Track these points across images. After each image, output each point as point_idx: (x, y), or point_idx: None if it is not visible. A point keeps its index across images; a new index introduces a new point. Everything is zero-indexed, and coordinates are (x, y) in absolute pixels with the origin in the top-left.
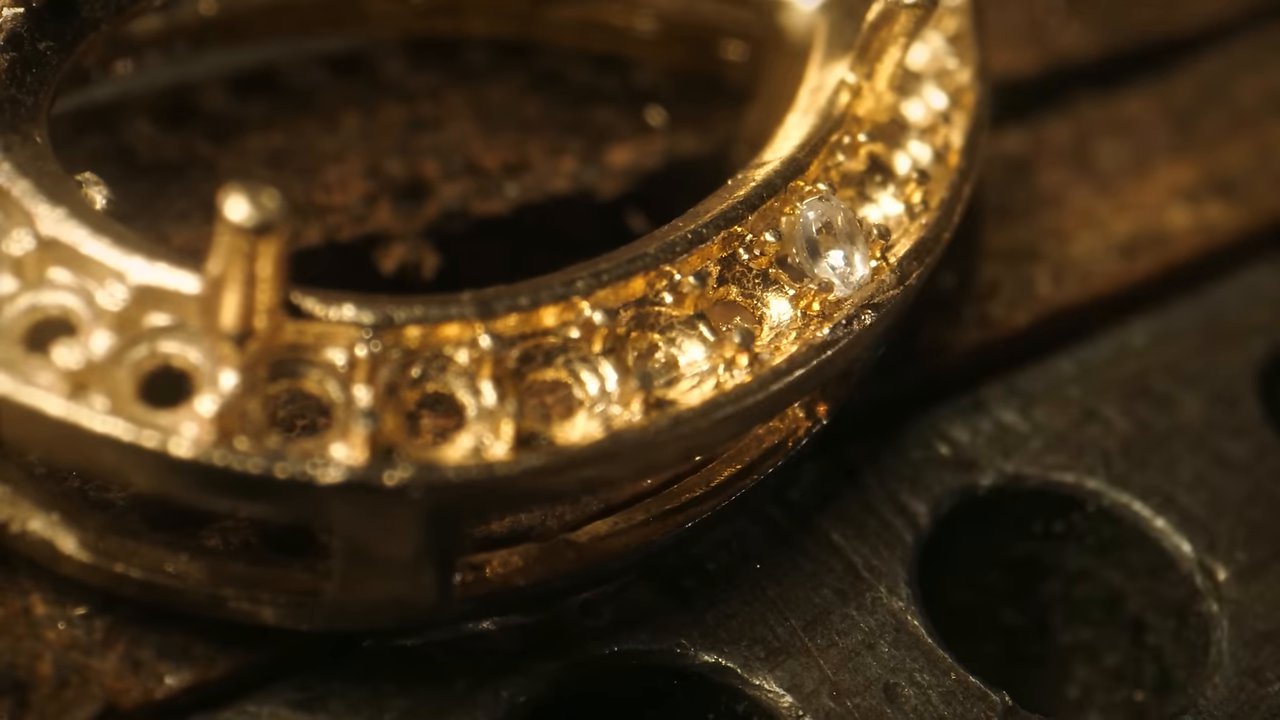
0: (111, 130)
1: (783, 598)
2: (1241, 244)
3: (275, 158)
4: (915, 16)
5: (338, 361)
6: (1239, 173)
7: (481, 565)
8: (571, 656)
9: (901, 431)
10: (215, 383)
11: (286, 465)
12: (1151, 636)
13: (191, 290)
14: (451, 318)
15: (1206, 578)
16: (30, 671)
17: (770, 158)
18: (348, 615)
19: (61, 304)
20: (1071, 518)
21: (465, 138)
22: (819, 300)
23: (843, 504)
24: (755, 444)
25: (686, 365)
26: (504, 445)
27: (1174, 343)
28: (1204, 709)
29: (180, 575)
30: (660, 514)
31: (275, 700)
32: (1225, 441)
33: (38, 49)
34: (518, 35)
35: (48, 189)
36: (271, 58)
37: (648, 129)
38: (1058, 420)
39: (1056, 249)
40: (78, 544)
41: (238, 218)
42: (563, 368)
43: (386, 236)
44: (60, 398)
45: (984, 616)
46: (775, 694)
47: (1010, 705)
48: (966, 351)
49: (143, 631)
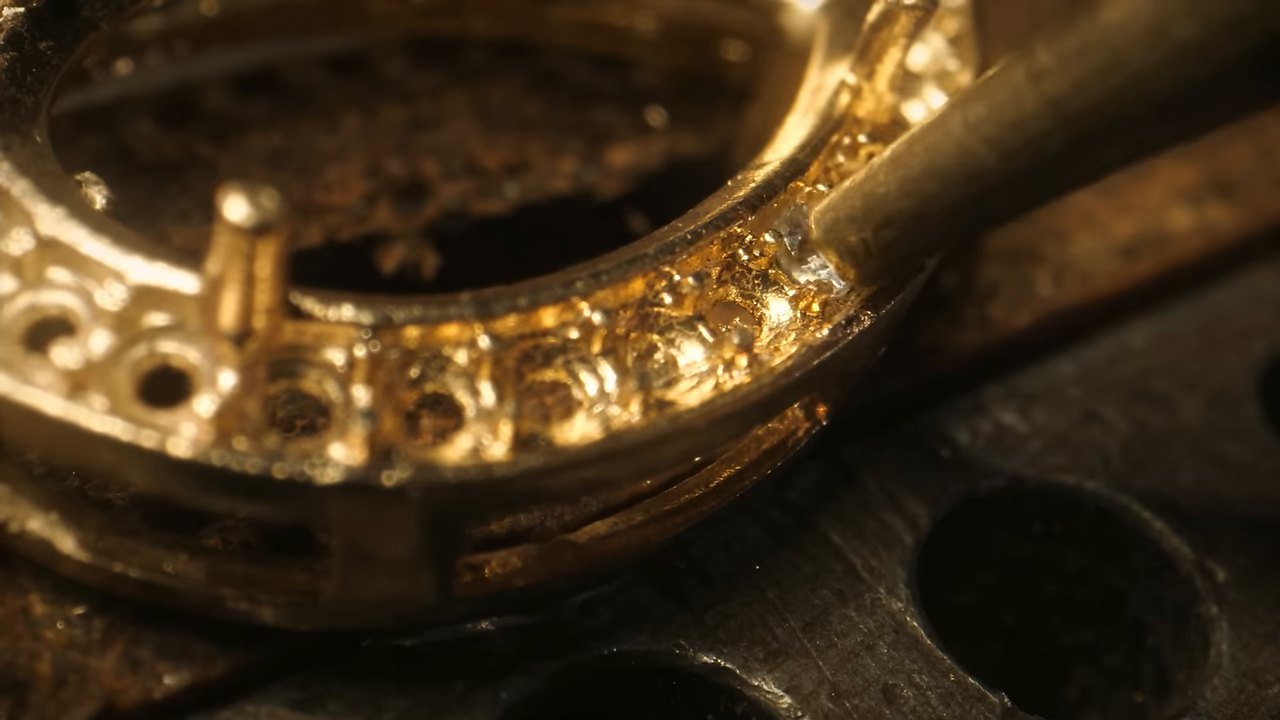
0: (111, 130)
1: (782, 599)
2: (1242, 245)
3: (275, 158)
4: (916, 17)
5: (337, 361)
6: (1240, 174)
7: (480, 566)
8: (570, 657)
9: (901, 432)
10: (214, 382)
11: (285, 465)
12: (1151, 638)
13: (191, 290)
14: (451, 318)
15: (1206, 579)
16: (29, 671)
17: (770, 158)
18: (347, 615)
19: (61, 303)
20: (1071, 519)
21: (465, 138)
22: (818, 301)
23: (842, 505)
24: (754, 445)
25: (686, 366)
26: (503, 446)
27: (1174, 344)
28: (1203, 710)
29: (179, 575)
30: (659, 515)
31: (274, 700)
32: (1225, 443)
33: (38, 49)
34: (518, 35)
35: (47, 188)
36: (271, 58)
37: (648, 129)
38: (1057, 421)
39: (1057, 250)
40: (77, 543)
41: (237, 217)
42: (562, 368)
43: (386, 236)
44: (59, 397)
45: (984, 617)
46: (774, 695)
47: (1009, 706)
48: (966, 352)
49: (141, 631)
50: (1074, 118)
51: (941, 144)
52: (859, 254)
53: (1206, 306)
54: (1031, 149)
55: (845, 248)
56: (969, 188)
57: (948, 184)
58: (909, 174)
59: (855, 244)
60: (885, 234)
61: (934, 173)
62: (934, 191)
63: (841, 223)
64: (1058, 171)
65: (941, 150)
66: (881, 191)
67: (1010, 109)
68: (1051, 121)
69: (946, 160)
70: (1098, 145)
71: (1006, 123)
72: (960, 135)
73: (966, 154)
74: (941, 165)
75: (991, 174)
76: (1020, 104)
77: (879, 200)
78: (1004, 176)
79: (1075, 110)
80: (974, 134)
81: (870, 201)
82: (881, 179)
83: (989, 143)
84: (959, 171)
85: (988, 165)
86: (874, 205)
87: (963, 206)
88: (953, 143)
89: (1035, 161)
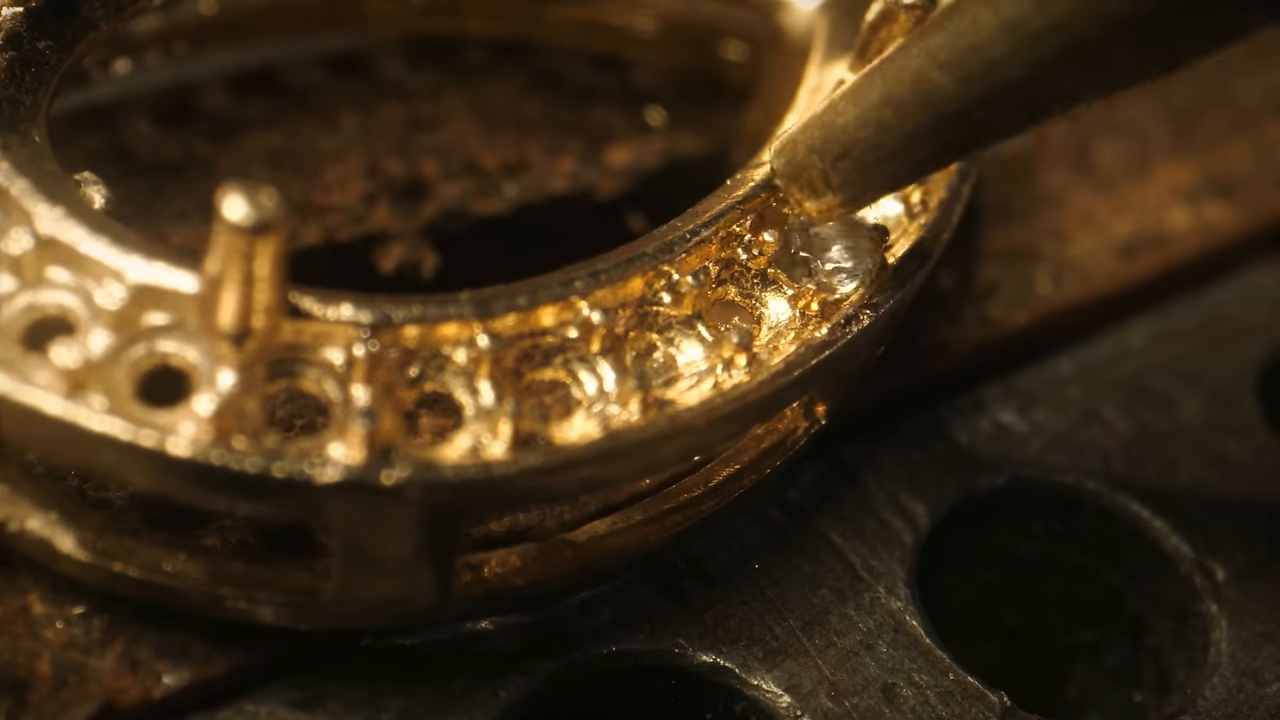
0: (111, 130)
1: (781, 598)
2: (1241, 244)
3: (275, 157)
4: (915, 17)
5: (336, 361)
6: (1239, 173)
7: (480, 565)
8: (570, 656)
9: (901, 431)
10: (213, 382)
11: (284, 464)
12: (1151, 637)
13: (190, 289)
14: (450, 317)
15: (1206, 578)
16: (29, 670)
17: (770, 158)
18: (346, 614)
19: (60, 303)
20: (1071, 518)
21: (464, 138)
22: (818, 300)
23: (841, 504)
24: (754, 444)
25: (685, 365)
26: (502, 445)
27: (1173, 343)
28: (1203, 709)
29: (178, 574)
30: (659, 514)
31: (274, 699)
32: (1224, 442)
33: (37, 48)
34: (517, 35)
35: (46, 188)
36: (271, 58)
37: (647, 129)
38: (1057, 420)
39: (1056, 249)
40: (76, 543)
41: (236, 217)
42: (561, 367)
43: (385, 236)
44: (58, 397)
45: (983, 616)
46: (773, 694)
47: (1009, 705)
48: (966, 351)
49: (141, 630)
50: (1031, 38)
51: (899, 74)
52: (818, 186)
53: (1206, 306)
54: (988, 72)
55: (805, 180)
56: (925, 115)
57: (903, 112)
58: (867, 102)
59: (815, 175)
60: (843, 164)
61: (891, 101)
62: (890, 120)
63: (800, 154)
64: (1015, 99)
65: (898, 80)
66: (840, 122)
67: (968, 33)
68: (1008, 44)
69: (902, 89)
70: (1055, 71)
71: (964, 47)
72: (919, 64)
73: (922, 80)
74: (898, 94)
75: (948, 100)
76: (978, 27)
77: (838, 130)
78: (959, 102)
79: (1032, 29)
80: (931, 61)
81: (830, 132)
82: (841, 109)
83: (945, 67)
84: (915, 99)
85: (945, 91)
86: (833, 135)
87: (919, 137)
88: (910, 72)
89: (992, 85)
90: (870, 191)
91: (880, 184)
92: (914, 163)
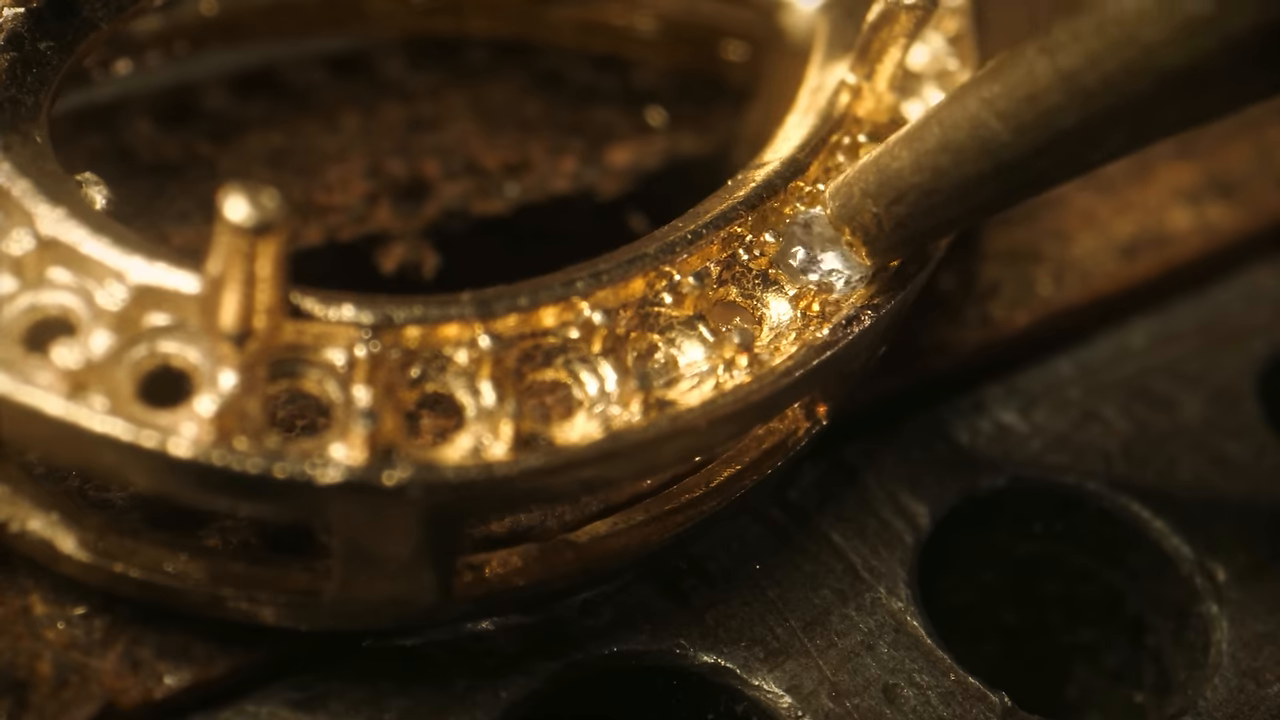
0: (111, 130)
1: (782, 598)
2: (1242, 245)
3: (275, 157)
4: (915, 17)
5: (337, 361)
6: (1239, 174)
7: (481, 565)
8: (571, 657)
9: (901, 432)
10: (214, 382)
11: (286, 465)
12: (1151, 637)
13: (191, 290)
14: (451, 318)
15: (1206, 578)
16: (30, 671)
17: (770, 158)
18: (347, 615)
19: (61, 304)
20: (1072, 518)
21: (465, 137)
22: (819, 301)
23: (842, 504)
24: (755, 444)
25: (686, 366)
26: (503, 445)
27: (1174, 343)
28: (1203, 710)
29: (180, 575)
30: (660, 514)
31: (275, 700)
32: (1225, 442)
33: (38, 49)
34: (518, 35)
35: (48, 189)
36: (271, 58)
37: (648, 129)
38: (1058, 421)
39: (1057, 249)
40: (77, 543)
41: (237, 218)
42: (562, 368)
43: (386, 236)
44: (60, 397)
45: (984, 617)
46: (774, 694)
47: (1009, 706)
48: (966, 352)
49: (142, 631)
50: (1086, 91)
51: (956, 119)
52: (871, 230)
53: (1206, 306)
54: (1044, 123)
55: (858, 223)
56: (981, 163)
57: (961, 159)
58: (923, 148)
59: (868, 220)
60: (897, 209)
61: (948, 147)
62: (947, 166)
63: (855, 197)
64: (1068, 149)
65: (956, 125)
66: (896, 166)
67: (1024, 84)
68: (1064, 95)
69: (960, 135)
70: (1107, 123)
71: (1020, 97)
72: (975, 110)
73: (980, 128)
74: (955, 140)
75: (1004, 149)
76: (1034, 78)
77: (893, 175)
78: (1016, 151)
79: (1087, 84)
80: (988, 108)
81: (884, 176)
82: (896, 154)
83: (1002, 117)
84: (972, 146)
85: (1001, 140)
86: (888, 180)
87: (974, 183)
88: (967, 117)
89: (1047, 136)
90: (920, 237)
91: (931, 230)
92: (966, 210)
